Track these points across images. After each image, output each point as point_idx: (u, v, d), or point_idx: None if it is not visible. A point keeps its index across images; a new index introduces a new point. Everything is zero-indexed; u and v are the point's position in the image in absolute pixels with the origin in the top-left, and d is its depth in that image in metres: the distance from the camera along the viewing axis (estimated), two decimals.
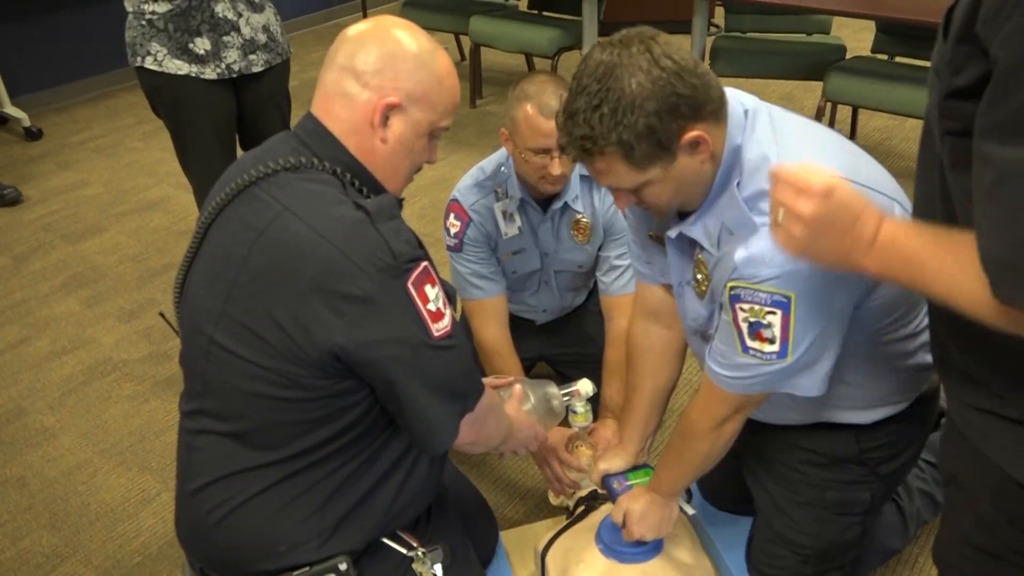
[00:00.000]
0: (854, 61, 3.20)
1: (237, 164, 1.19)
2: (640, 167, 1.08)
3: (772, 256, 1.05)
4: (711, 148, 1.09)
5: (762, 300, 1.07)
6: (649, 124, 1.04)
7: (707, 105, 1.07)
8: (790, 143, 1.12)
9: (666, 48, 1.06)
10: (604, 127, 1.05)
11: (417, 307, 1.04)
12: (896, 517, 1.59)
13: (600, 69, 1.05)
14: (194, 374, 1.17)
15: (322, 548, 1.15)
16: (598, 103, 1.04)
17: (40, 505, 1.98)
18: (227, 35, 2.03)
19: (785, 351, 1.11)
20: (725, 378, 1.19)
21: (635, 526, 1.40)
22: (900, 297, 1.19)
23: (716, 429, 1.26)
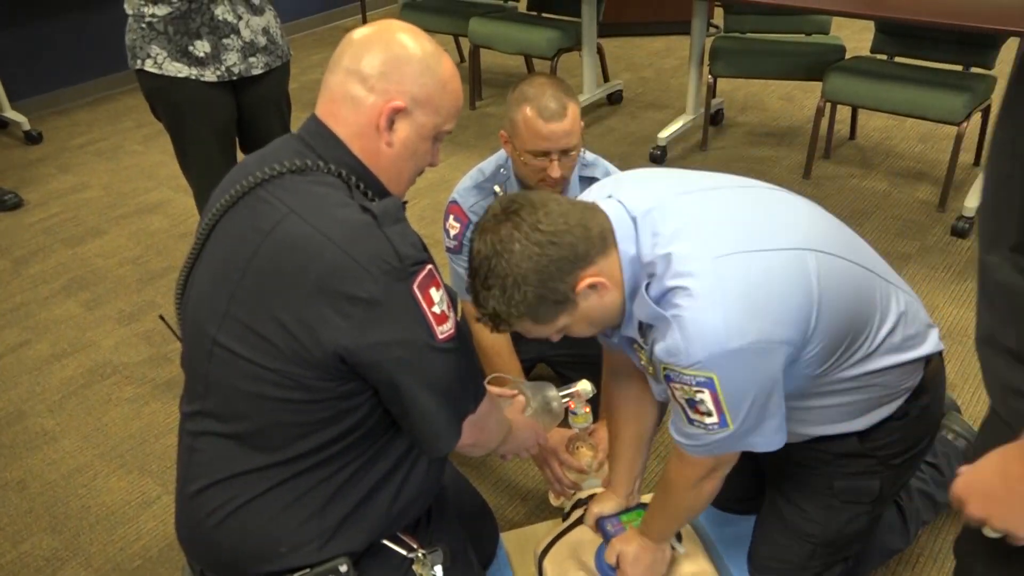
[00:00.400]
0: (853, 61, 3.20)
1: (241, 166, 1.19)
2: (549, 322, 1.19)
3: (687, 347, 1.10)
4: (608, 281, 1.17)
5: (688, 381, 1.13)
6: (538, 294, 1.14)
7: (590, 251, 1.15)
8: (681, 233, 1.16)
9: (532, 220, 1.13)
10: (502, 306, 1.15)
11: (422, 310, 1.05)
12: (896, 518, 1.60)
13: (481, 255, 1.15)
14: (195, 375, 1.17)
15: (323, 550, 1.15)
16: (489, 286, 1.15)
17: (40, 508, 1.98)
18: (227, 38, 2.04)
19: (724, 422, 1.16)
20: (685, 444, 1.24)
21: (629, 568, 1.42)
22: (840, 333, 1.20)
23: (694, 488, 1.31)
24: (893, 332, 1.27)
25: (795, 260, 1.16)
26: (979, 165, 3.28)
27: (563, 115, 1.57)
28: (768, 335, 1.11)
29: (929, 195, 3.14)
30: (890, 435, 1.36)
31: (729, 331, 1.09)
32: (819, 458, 1.40)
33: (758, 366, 1.12)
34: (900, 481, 1.47)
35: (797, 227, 1.22)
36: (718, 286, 1.10)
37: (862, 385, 1.28)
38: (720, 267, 1.12)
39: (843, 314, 1.19)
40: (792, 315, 1.13)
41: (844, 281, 1.20)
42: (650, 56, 4.80)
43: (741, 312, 1.10)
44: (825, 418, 1.32)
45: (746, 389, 1.13)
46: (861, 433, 1.35)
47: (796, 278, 1.14)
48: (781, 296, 1.13)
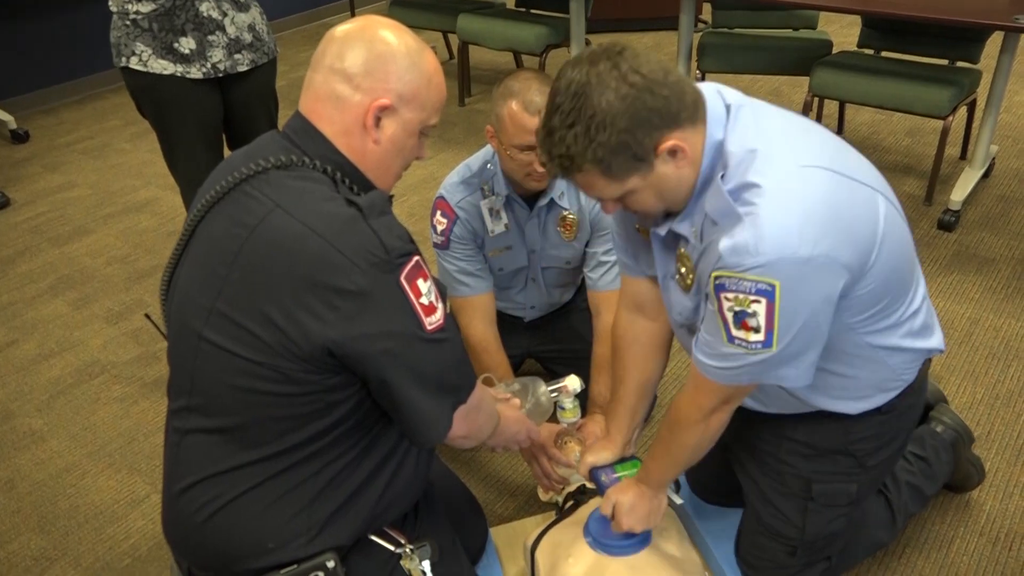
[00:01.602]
0: (840, 56, 3.21)
1: (227, 163, 1.19)
2: (619, 179, 1.12)
3: (756, 245, 1.06)
4: (689, 153, 1.12)
5: (747, 289, 1.08)
6: (622, 140, 1.07)
7: (681, 113, 1.10)
8: (772, 134, 1.13)
9: (634, 63, 1.08)
10: (579, 146, 1.08)
11: (410, 301, 1.05)
12: (884, 510, 1.60)
13: (571, 88, 1.08)
14: (182, 371, 1.16)
15: (310, 545, 1.15)
16: (572, 122, 1.08)
17: (29, 508, 1.97)
18: (212, 34, 2.03)
19: (770, 340, 1.11)
20: (712, 368, 1.19)
21: (624, 518, 1.41)
22: (887, 286, 1.19)
23: (704, 420, 1.27)
24: (919, 311, 1.28)
25: (869, 196, 1.15)
26: (965, 158, 3.30)
27: None
28: (837, 253, 1.08)
29: (916, 189, 3.15)
30: (872, 428, 1.36)
31: (803, 237, 1.05)
32: (800, 452, 1.40)
33: (819, 283, 1.09)
34: (875, 484, 1.47)
35: (871, 171, 1.21)
36: (798, 192, 1.08)
37: (874, 359, 1.27)
38: (803, 175, 1.09)
39: (894, 266, 1.19)
40: (859, 245, 1.11)
41: (900, 236, 1.20)
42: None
43: (817, 222, 1.07)
44: (827, 387, 1.30)
45: (802, 306, 1.09)
46: (848, 423, 1.35)
47: (868, 212, 1.14)
48: (854, 222, 1.11)
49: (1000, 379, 2.17)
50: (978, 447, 1.91)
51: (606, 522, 1.46)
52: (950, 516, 1.79)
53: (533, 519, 1.78)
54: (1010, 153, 3.37)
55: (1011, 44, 2.77)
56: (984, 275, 2.62)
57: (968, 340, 2.33)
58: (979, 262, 2.68)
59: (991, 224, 2.89)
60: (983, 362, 2.24)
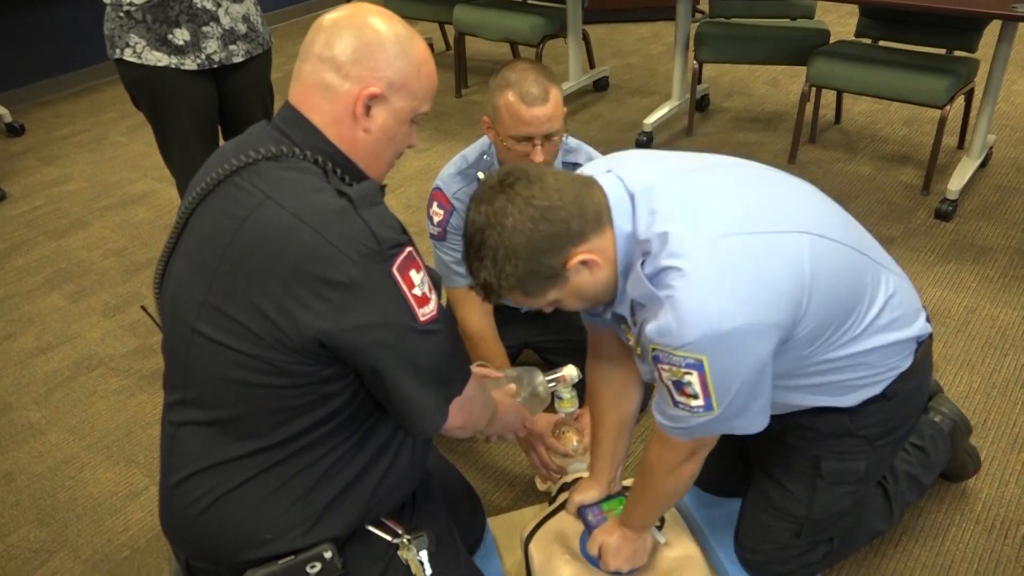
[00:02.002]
0: (838, 45, 3.21)
1: (218, 154, 1.19)
2: (539, 296, 1.20)
3: (679, 327, 1.10)
4: (600, 259, 1.17)
5: (677, 363, 1.13)
6: (529, 268, 1.14)
7: (584, 228, 1.15)
8: (678, 212, 1.16)
9: (527, 193, 1.13)
10: (493, 277, 1.16)
11: (403, 292, 1.05)
12: (882, 499, 1.61)
13: (476, 225, 1.16)
14: (176, 364, 1.16)
15: (307, 536, 1.15)
16: (482, 257, 1.16)
17: (27, 501, 1.98)
18: (206, 25, 2.02)
19: (710, 404, 1.16)
20: (668, 427, 1.25)
21: (611, 559, 1.43)
22: (829, 315, 1.21)
23: (674, 472, 1.31)
24: (880, 314, 1.28)
25: (790, 243, 1.16)
26: (962, 148, 3.30)
27: (545, 100, 1.57)
28: (760, 318, 1.11)
29: (913, 178, 3.15)
30: (878, 415, 1.37)
31: (722, 313, 1.09)
32: (806, 436, 1.41)
33: (748, 349, 1.12)
34: (885, 462, 1.48)
35: (793, 210, 1.23)
36: (713, 268, 1.11)
37: (848, 365, 1.29)
38: (715, 248, 1.12)
39: (833, 297, 1.20)
40: (784, 299, 1.13)
41: (836, 264, 1.21)
42: (636, 42, 4.79)
43: (734, 295, 1.10)
44: (813, 392, 1.32)
45: (735, 372, 1.13)
46: (851, 412, 1.36)
47: (790, 262, 1.15)
48: (774, 279, 1.13)
49: (996, 368, 2.18)
50: (974, 436, 1.91)
51: None
52: (946, 504, 1.80)
53: (531, 509, 1.78)
54: (1008, 142, 3.36)
55: (1009, 33, 2.77)
56: (981, 264, 2.62)
57: (965, 329, 2.33)
58: (976, 251, 2.68)
59: (988, 213, 2.89)
60: (980, 351, 2.24)
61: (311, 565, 1.15)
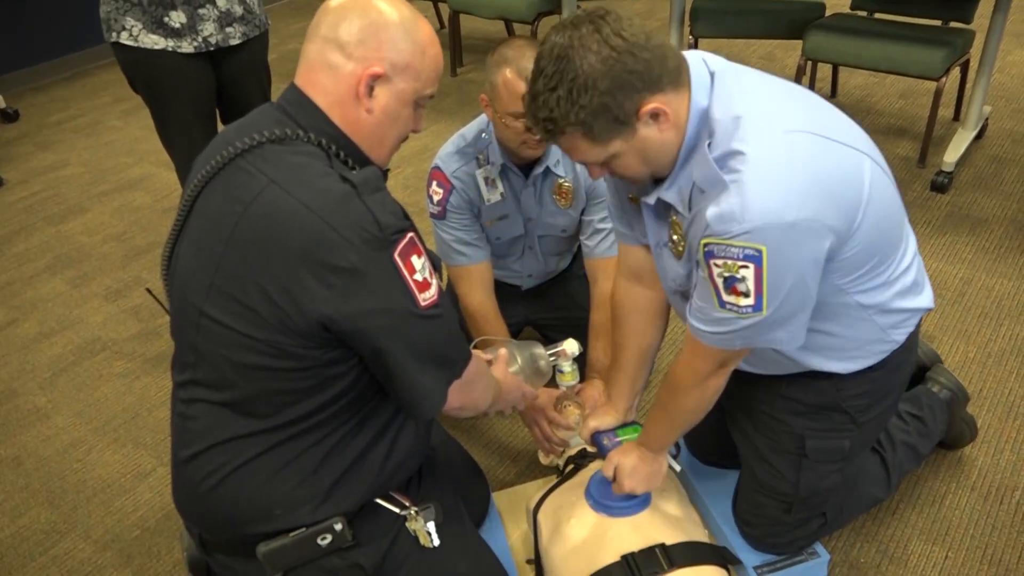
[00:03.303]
0: (833, 18, 3.20)
1: (221, 136, 1.19)
2: (602, 142, 1.14)
3: (743, 212, 1.07)
4: (672, 117, 1.13)
5: (734, 255, 1.10)
6: (603, 103, 1.09)
7: (663, 77, 1.11)
8: (756, 100, 1.15)
9: (615, 26, 1.09)
10: (561, 109, 1.10)
11: (404, 278, 1.06)
12: (880, 468, 1.63)
13: (554, 52, 1.09)
14: (185, 346, 1.18)
15: (317, 511, 1.18)
16: (554, 85, 1.09)
17: (37, 484, 2.00)
18: (202, 7, 2.02)
19: (760, 304, 1.13)
20: (705, 333, 1.22)
21: (626, 479, 1.44)
22: (874, 247, 1.21)
23: (700, 385, 1.29)
24: (908, 270, 1.30)
25: (854, 158, 1.16)
26: (958, 120, 3.31)
27: None
28: (822, 216, 1.10)
29: (909, 151, 3.16)
30: (864, 386, 1.38)
31: (788, 202, 1.07)
32: (793, 410, 1.42)
33: (805, 246, 1.11)
34: (869, 439, 1.50)
35: (857, 133, 1.22)
36: (783, 158, 1.09)
37: (865, 318, 1.29)
38: (787, 141, 1.10)
39: (881, 227, 1.20)
40: (844, 206, 1.13)
41: (887, 197, 1.21)
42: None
43: (801, 187, 1.08)
44: (819, 346, 1.32)
45: (790, 269, 1.11)
46: (839, 382, 1.38)
47: (853, 174, 1.15)
48: (838, 185, 1.12)
49: (992, 338, 2.20)
50: (970, 404, 1.94)
51: (607, 484, 1.49)
52: (943, 472, 1.82)
53: (534, 483, 1.81)
54: (1003, 114, 3.37)
55: (1004, 3, 2.77)
56: (977, 236, 2.64)
57: (961, 300, 2.35)
58: (972, 223, 2.70)
59: (984, 185, 2.91)
60: (975, 321, 2.27)
61: (322, 537, 1.17)
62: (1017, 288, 2.38)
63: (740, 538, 1.58)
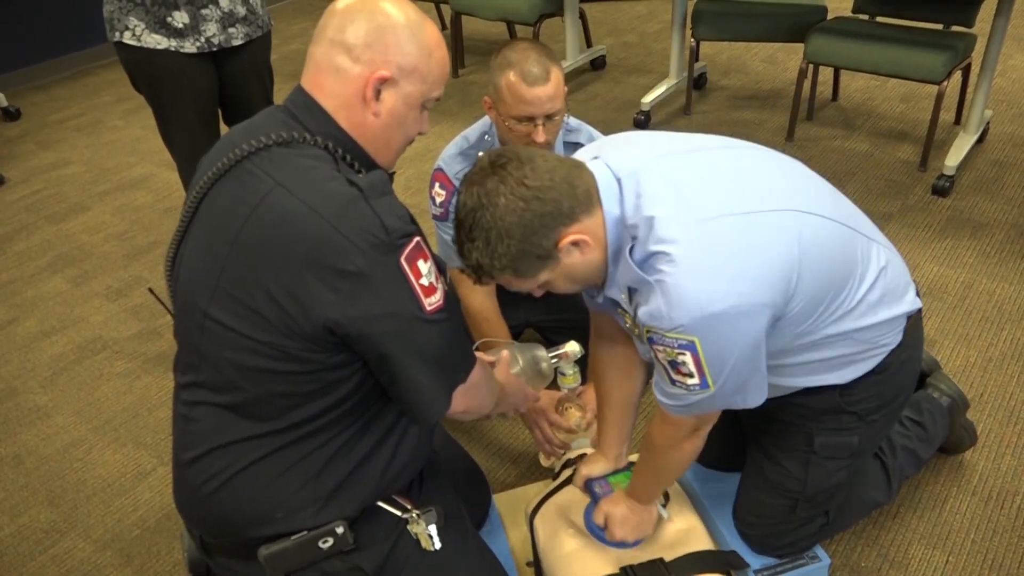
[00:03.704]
0: (835, 22, 3.20)
1: (227, 138, 1.19)
2: (531, 276, 1.20)
3: (669, 311, 1.11)
4: (591, 239, 1.18)
5: (671, 344, 1.15)
6: (521, 248, 1.15)
7: (574, 208, 1.16)
8: (664, 196, 1.17)
9: (518, 175, 1.14)
10: (485, 258, 1.16)
11: (410, 282, 1.06)
12: (880, 472, 1.63)
13: (468, 206, 1.15)
14: (189, 347, 1.18)
15: (318, 515, 1.17)
16: (474, 238, 1.16)
17: (37, 482, 2.00)
18: (205, 8, 2.02)
19: (706, 383, 1.17)
20: (667, 404, 1.26)
21: (617, 529, 1.46)
22: (821, 291, 1.22)
23: (677, 447, 1.34)
24: (872, 288, 1.29)
25: (777, 222, 1.17)
26: (959, 124, 3.31)
27: (546, 79, 1.58)
28: (749, 298, 1.12)
29: (910, 155, 3.16)
30: (869, 390, 1.39)
31: (711, 296, 1.10)
32: (800, 413, 1.43)
33: (739, 329, 1.14)
34: (879, 436, 1.50)
35: (779, 188, 1.24)
36: (700, 251, 1.12)
37: (840, 341, 1.30)
38: (702, 231, 1.13)
39: (824, 273, 1.21)
40: (773, 277, 1.14)
41: (826, 241, 1.22)
42: (633, 20, 4.78)
43: (722, 277, 1.11)
44: (806, 371, 1.35)
45: (728, 351, 1.15)
46: (842, 388, 1.38)
47: (778, 241, 1.16)
48: (763, 259, 1.14)
49: (993, 342, 2.20)
50: (971, 409, 1.94)
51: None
52: (943, 476, 1.83)
53: (535, 485, 1.81)
54: (1004, 118, 3.37)
55: (1006, 7, 2.77)
56: (978, 240, 2.64)
57: (962, 304, 2.35)
58: (973, 227, 2.70)
59: (985, 189, 2.91)
60: (976, 326, 2.27)
61: (323, 540, 1.17)
62: (1018, 292, 2.38)
63: (740, 542, 1.57)
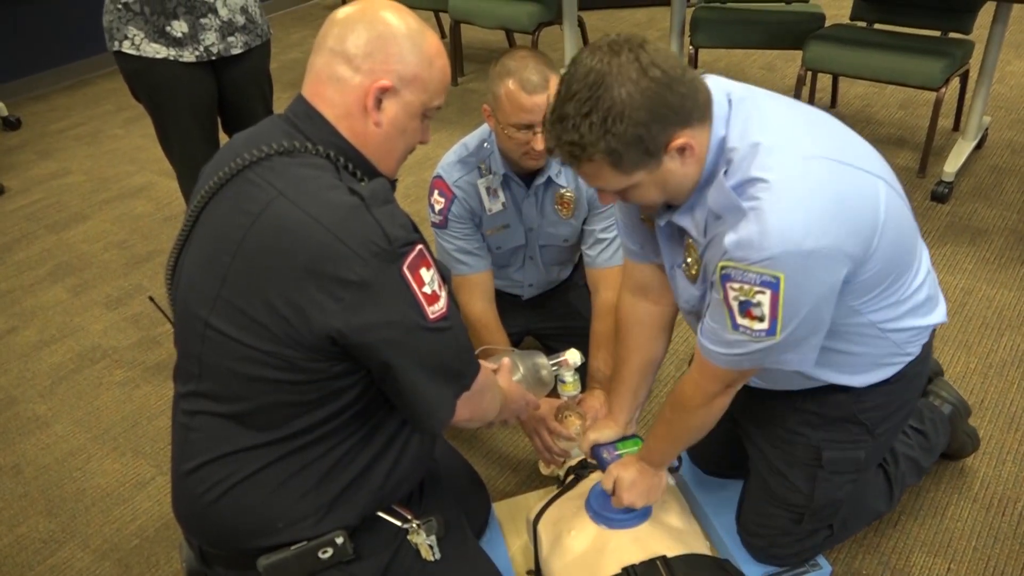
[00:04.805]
0: (833, 29, 3.21)
1: (228, 147, 1.19)
2: (626, 172, 1.12)
3: (761, 240, 1.08)
4: (696, 151, 1.13)
5: (752, 280, 1.10)
6: (638, 134, 1.07)
7: (694, 112, 1.11)
8: (774, 127, 1.15)
9: (655, 57, 1.07)
10: (593, 135, 1.07)
11: (412, 291, 1.05)
12: (883, 482, 1.63)
13: (591, 76, 1.06)
14: (189, 357, 1.17)
15: (319, 525, 1.17)
16: (588, 111, 1.06)
17: (36, 492, 1.99)
18: (204, 17, 2.02)
19: (774, 329, 1.13)
20: (716, 354, 1.22)
21: (625, 493, 1.43)
22: (889, 268, 1.21)
23: (707, 404, 1.30)
24: (922, 287, 1.30)
25: (870, 183, 1.16)
26: (958, 130, 3.31)
27: (545, 87, 1.58)
28: (841, 244, 1.10)
29: (909, 161, 3.16)
30: (881, 398, 1.39)
31: (808, 230, 1.07)
32: (809, 422, 1.42)
33: (823, 274, 1.11)
34: (883, 449, 1.50)
35: (870, 156, 1.22)
36: (801, 185, 1.09)
37: (879, 336, 1.29)
38: (805, 167, 1.10)
39: (896, 248, 1.20)
40: (862, 232, 1.13)
41: (901, 217, 1.22)
42: (632, 28, 4.79)
43: (820, 215, 1.08)
44: (834, 364, 1.32)
45: (806, 295, 1.11)
46: (856, 394, 1.37)
47: (870, 200, 1.15)
48: (855, 211, 1.12)
49: (993, 348, 2.20)
50: (972, 416, 1.94)
51: (607, 496, 1.49)
52: (944, 483, 1.82)
53: (535, 494, 1.80)
54: (1003, 124, 3.38)
55: (1004, 14, 2.78)
56: (977, 246, 2.64)
57: (961, 311, 2.35)
58: (972, 233, 2.70)
59: (984, 195, 2.91)
60: (976, 332, 2.26)
61: (323, 550, 1.17)
62: (1018, 299, 2.38)
63: (742, 549, 1.57)
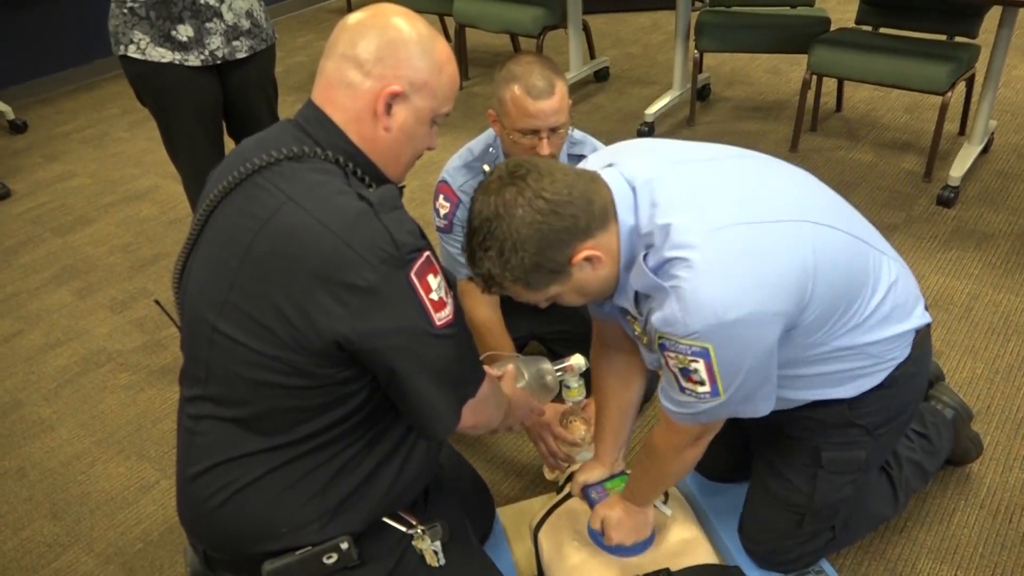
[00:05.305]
0: (838, 33, 3.21)
1: (238, 151, 1.19)
2: (540, 289, 1.20)
3: (684, 317, 1.11)
4: (604, 256, 1.18)
5: (684, 351, 1.14)
6: (535, 261, 1.15)
7: (590, 224, 1.16)
8: (679, 204, 1.17)
9: (537, 187, 1.13)
10: (497, 268, 1.16)
11: (420, 297, 1.05)
12: (887, 486, 1.63)
13: (484, 213, 1.15)
14: (196, 361, 1.17)
15: (323, 530, 1.17)
16: (488, 247, 1.15)
17: (40, 495, 2.00)
18: (209, 21, 2.03)
19: (716, 391, 1.17)
20: (673, 412, 1.26)
21: (612, 532, 1.45)
22: (835, 301, 1.22)
23: (679, 455, 1.34)
24: (883, 302, 1.29)
25: (792, 232, 1.17)
26: (964, 134, 3.31)
27: (551, 93, 1.58)
28: (765, 307, 1.12)
29: (915, 165, 3.16)
30: (877, 403, 1.38)
31: (727, 303, 1.10)
32: (807, 427, 1.43)
33: (754, 337, 1.14)
34: (886, 450, 1.50)
35: (793, 198, 1.24)
36: (717, 258, 1.12)
37: (851, 354, 1.30)
38: (719, 239, 1.13)
39: (837, 284, 1.21)
40: (788, 287, 1.14)
41: (838, 252, 1.22)
42: (636, 32, 4.79)
43: (739, 284, 1.11)
44: (814, 384, 1.34)
45: (741, 359, 1.14)
46: (850, 402, 1.37)
47: (793, 250, 1.16)
48: (778, 268, 1.14)
49: (1000, 354, 2.19)
50: (978, 421, 1.93)
51: None
52: (951, 490, 1.81)
53: (539, 499, 1.80)
54: (1009, 128, 3.37)
55: (1010, 18, 2.77)
56: (983, 251, 2.63)
57: (968, 316, 2.34)
58: (978, 238, 2.69)
59: (990, 200, 2.90)
60: (983, 337, 2.26)
61: (327, 556, 1.17)
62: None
63: (744, 557, 1.56)
